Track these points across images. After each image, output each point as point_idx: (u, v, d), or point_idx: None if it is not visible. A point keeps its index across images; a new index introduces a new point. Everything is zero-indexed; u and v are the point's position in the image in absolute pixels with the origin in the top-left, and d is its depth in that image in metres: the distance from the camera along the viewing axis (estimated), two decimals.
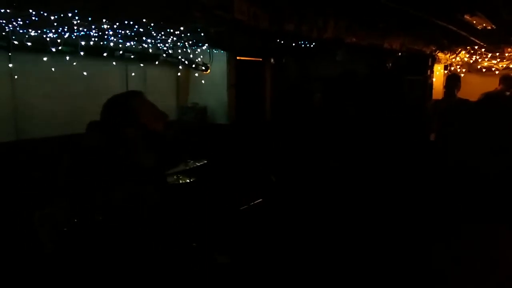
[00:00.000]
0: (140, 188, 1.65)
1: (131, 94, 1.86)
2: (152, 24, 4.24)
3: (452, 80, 5.05)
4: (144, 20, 4.00)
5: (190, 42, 5.85)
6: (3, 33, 4.29)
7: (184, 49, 6.47)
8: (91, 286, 1.68)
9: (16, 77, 4.81)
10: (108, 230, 1.63)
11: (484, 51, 6.58)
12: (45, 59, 4.73)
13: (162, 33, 4.90)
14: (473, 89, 5.59)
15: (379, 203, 4.62)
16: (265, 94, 7.88)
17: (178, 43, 5.90)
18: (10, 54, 4.61)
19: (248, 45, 6.16)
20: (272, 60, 7.75)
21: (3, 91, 4.80)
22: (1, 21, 3.86)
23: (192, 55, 6.77)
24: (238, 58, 7.16)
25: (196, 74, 7.08)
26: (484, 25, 5.21)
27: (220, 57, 7.00)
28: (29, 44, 4.55)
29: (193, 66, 6.93)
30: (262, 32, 4.14)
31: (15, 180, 4.26)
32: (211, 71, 7.09)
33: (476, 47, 6.50)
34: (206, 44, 6.15)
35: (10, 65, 4.66)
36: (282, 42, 5.78)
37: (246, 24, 3.38)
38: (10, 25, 4.03)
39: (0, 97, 4.78)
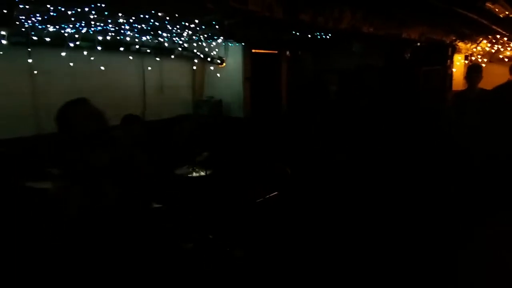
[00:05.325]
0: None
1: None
2: (167, 18, 4.25)
3: (473, 70, 4.91)
4: (159, 14, 4.02)
5: (205, 36, 5.85)
6: (23, 29, 4.37)
7: (200, 43, 6.48)
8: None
9: (35, 72, 4.90)
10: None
11: (507, 40, 6.38)
12: (63, 54, 4.79)
13: (177, 26, 4.91)
14: (495, 79, 5.42)
15: (395, 197, 4.56)
16: (281, 87, 7.83)
17: (194, 37, 5.90)
18: (29, 49, 4.69)
19: (263, 38, 6.12)
20: (287, 53, 7.69)
21: (23, 86, 4.90)
22: (20, 17, 3.92)
23: (208, 49, 6.77)
24: (253, 51, 7.13)
25: (212, 68, 7.09)
26: (506, 13, 5.04)
27: (235, 50, 6.98)
28: (47, 39, 4.63)
29: (209, 59, 6.94)
30: (277, 23, 4.10)
31: (34, 174, 4.34)
32: (226, 65, 7.09)
33: (498, 36, 6.30)
34: (221, 37, 6.14)
35: (30, 61, 4.74)
36: (297, 34, 5.72)
37: (261, 15, 3.35)
38: (29, 21, 4.10)
39: (20, 92, 4.88)
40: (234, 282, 3.10)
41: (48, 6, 3.53)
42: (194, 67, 6.91)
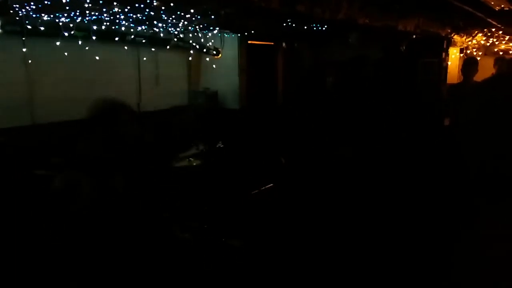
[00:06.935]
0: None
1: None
2: (162, 8, 4.22)
3: (469, 64, 4.94)
4: (154, 3, 3.99)
5: (201, 26, 5.81)
6: (17, 18, 4.32)
7: (195, 34, 6.44)
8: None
9: (30, 61, 4.87)
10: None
11: (502, 33, 6.41)
12: (58, 43, 4.76)
13: (173, 16, 4.87)
14: (489, 73, 5.46)
15: (390, 189, 4.59)
16: (277, 79, 7.83)
17: (189, 27, 5.87)
18: (23, 38, 4.65)
19: (260, 29, 6.10)
20: (284, 44, 7.67)
21: (18, 76, 4.87)
22: (14, 5, 3.88)
23: (203, 40, 6.74)
24: (249, 42, 7.11)
25: (207, 59, 7.06)
26: (502, 5, 5.06)
27: (231, 42, 6.96)
28: (42, 28, 4.59)
29: (204, 50, 6.91)
30: (273, 13, 4.09)
31: (30, 164, 4.33)
32: (222, 56, 7.06)
33: (493, 29, 6.33)
34: (217, 28, 6.11)
35: (24, 50, 4.71)
36: (294, 25, 5.70)
37: (256, 4, 3.34)
38: (23, 10, 4.06)
39: (14, 81, 4.85)
40: (230, 271, 3.13)
41: None
42: (190, 58, 6.88)
